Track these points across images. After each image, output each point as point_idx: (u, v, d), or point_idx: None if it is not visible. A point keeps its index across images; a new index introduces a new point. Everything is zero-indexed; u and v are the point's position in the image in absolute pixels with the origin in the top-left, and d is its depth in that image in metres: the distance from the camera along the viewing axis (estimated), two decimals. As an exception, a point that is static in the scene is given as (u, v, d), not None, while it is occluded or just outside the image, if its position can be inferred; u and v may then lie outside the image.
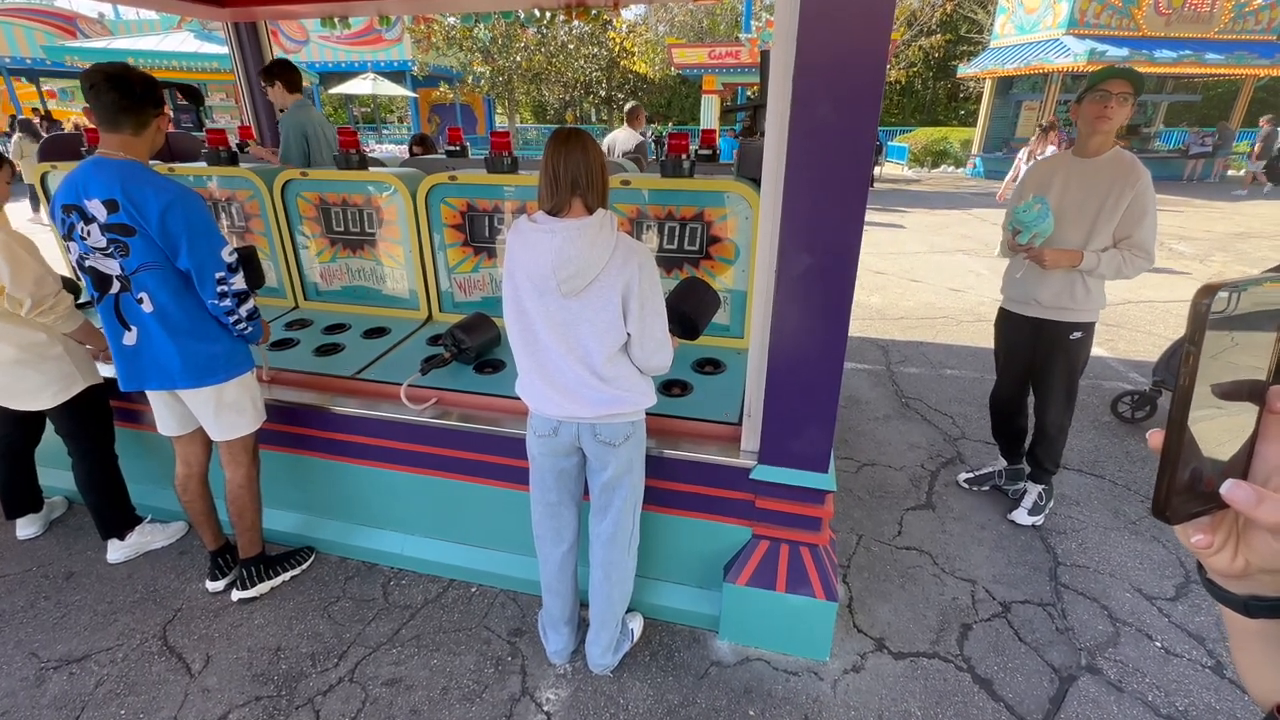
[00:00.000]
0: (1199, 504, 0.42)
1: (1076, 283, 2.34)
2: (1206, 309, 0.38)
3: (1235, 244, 8.28)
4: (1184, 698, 1.91)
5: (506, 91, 20.25)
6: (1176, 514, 0.42)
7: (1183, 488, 0.41)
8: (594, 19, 4.19)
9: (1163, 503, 0.41)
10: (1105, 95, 2.15)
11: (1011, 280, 2.54)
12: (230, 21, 3.99)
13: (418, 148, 4.69)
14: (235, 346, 2.02)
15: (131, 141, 1.79)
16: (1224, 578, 0.45)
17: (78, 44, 13.41)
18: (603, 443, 1.68)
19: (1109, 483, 3.00)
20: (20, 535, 2.60)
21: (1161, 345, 3.60)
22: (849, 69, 1.42)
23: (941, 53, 19.54)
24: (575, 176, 1.50)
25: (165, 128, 1.88)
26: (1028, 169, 2.54)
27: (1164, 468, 0.41)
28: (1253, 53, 12.94)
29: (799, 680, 1.98)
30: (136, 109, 1.76)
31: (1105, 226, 2.25)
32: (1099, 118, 2.18)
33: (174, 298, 1.86)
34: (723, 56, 15.25)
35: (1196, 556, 0.45)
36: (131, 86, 1.74)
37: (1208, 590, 0.47)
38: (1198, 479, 0.41)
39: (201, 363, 1.94)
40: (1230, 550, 0.43)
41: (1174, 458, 0.40)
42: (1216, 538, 0.43)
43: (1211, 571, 0.45)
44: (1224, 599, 0.45)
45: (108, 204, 1.73)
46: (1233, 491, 0.39)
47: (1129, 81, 2.14)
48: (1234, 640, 0.51)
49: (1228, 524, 0.43)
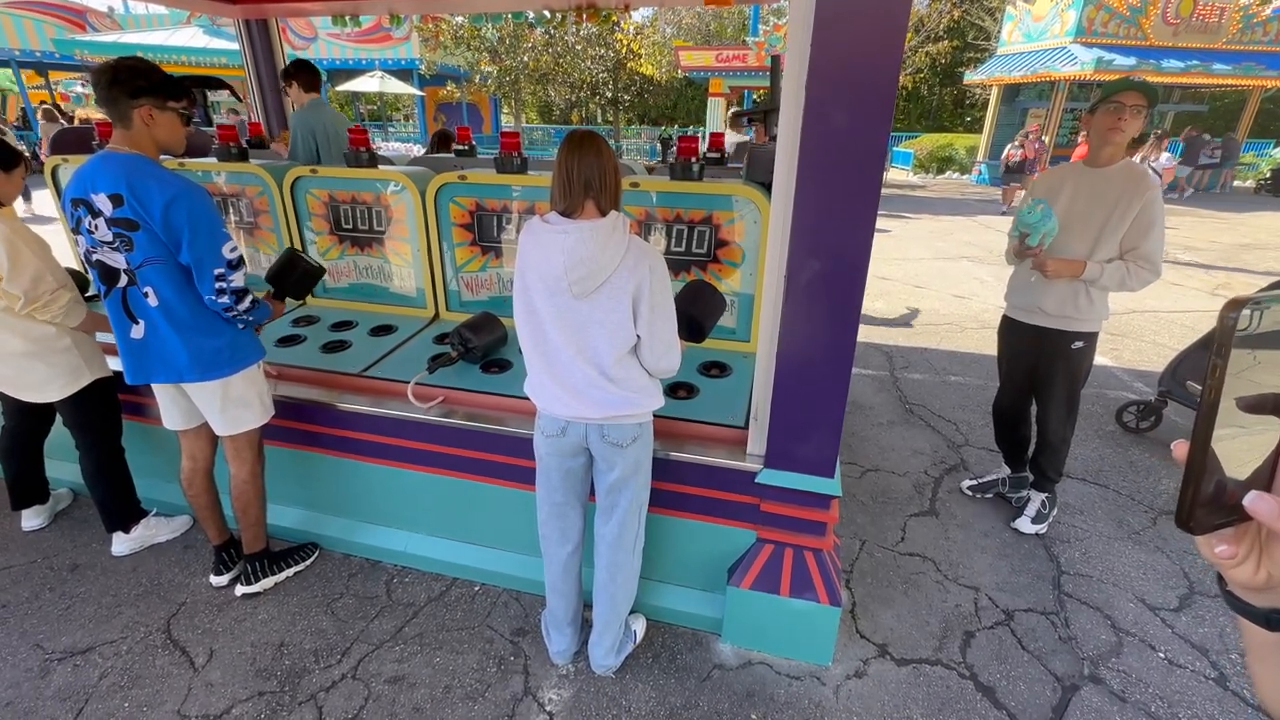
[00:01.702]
0: (1222, 516, 0.42)
1: (1080, 293, 2.34)
2: (1234, 322, 0.38)
3: (1240, 255, 8.27)
4: (1187, 709, 1.91)
5: (513, 91, 20.30)
6: (1200, 525, 0.42)
7: (1207, 500, 0.41)
8: (604, 20, 4.20)
9: (1186, 514, 0.42)
10: (1119, 107, 2.14)
11: (1017, 288, 2.54)
12: (241, 18, 4.01)
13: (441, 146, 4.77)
14: (239, 338, 2.01)
15: (127, 135, 1.78)
16: (1246, 590, 0.45)
17: (87, 38, 13.46)
18: (610, 444, 1.68)
19: (1113, 492, 3.00)
20: (26, 527, 2.61)
21: (1167, 355, 3.59)
22: (862, 76, 1.43)
23: (948, 59, 19.54)
24: (589, 178, 1.51)
25: (162, 119, 1.80)
26: (1037, 178, 2.53)
27: (1188, 479, 0.41)
28: (1260, 64, 12.92)
29: (801, 685, 1.98)
30: (113, 101, 1.72)
31: (1111, 237, 2.25)
32: (1111, 129, 2.18)
33: (178, 293, 1.86)
34: (729, 60, 15.27)
35: (1218, 568, 0.45)
36: (107, 78, 1.70)
37: (1228, 603, 0.47)
38: (1221, 491, 0.41)
39: (207, 356, 1.94)
40: (1253, 563, 0.43)
41: (1198, 469, 0.41)
42: (1239, 550, 0.43)
43: (1233, 584, 0.46)
44: (1245, 612, 0.46)
45: (113, 198, 1.73)
46: (1256, 504, 0.39)
47: (1143, 94, 2.13)
48: (1252, 654, 0.51)
49: (1250, 536, 0.43)
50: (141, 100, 1.75)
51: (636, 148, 19.41)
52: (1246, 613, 0.46)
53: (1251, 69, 12.88)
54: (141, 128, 1.78)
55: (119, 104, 1.74)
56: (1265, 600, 0.44)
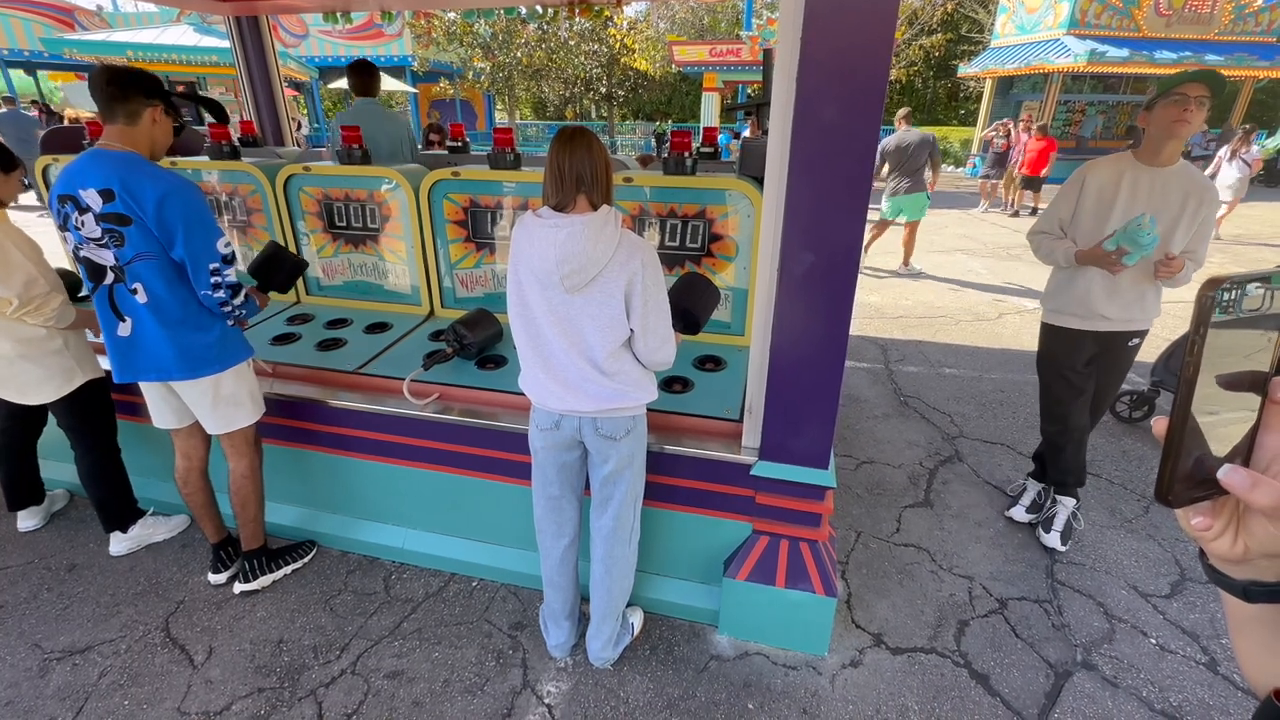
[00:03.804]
0: (1201, 490, 0.43)
1: (1147, 292, 2.26)
2: (1212, 301, 0.39)
3: (1232, 245, 8.31)
4: (1178, 694, 1.93)
5: (507, 87, 20.24)
6: (1178, 499, 0.43)
7: (1185, 474, 0.42)
8: (596, 15, 4.19)
9: (1165, 488, 0.43)
10: (1183, 99, 1.99)
11: (1073, 295, 2.34)
12: (231, 15, 3.98)
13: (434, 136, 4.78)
14: (229, 335, 2.01)
15: (128, 132, 1.80)
16: (1224, 563, 0.46)
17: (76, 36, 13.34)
18: (604, 437, 1.69)
19: (1105, 481, 3.02)
20: (21, 528, 2.61)
21: (1159, 346, 3.61)
22: (853, 66, 1.43)
23: (942, 52, 19.54)
24: (580, 173, 1.51)
25: (164, 123, 1.87)
26: (1078, 170, 2.32)
27: (1167, 454, 0.43)
28: (1253, 54, 12.95)
29: (798, 675, 1.99)
30: (126, 99, 1.78)
31: (1181, 240, 2.17)
32: (1177, 121, 2.02)
33: (168, 288, 1.86)
34: (724, 54, 15.24)
35: (1197, 541, 0.47)
36: (122, 78, 1.77)
37: (1209, 576, 0.48)
38: (1200, 466, 0.42)
39: (197, 353, 1.94)
40: (1230, 535, 0.44)
41: (1177, 444, 0.42)
42: (1217, 523, 0.44)
43: (1212, 557, 0.47)
44: (1224, 584, 0.47)
45: (103, 193, 1.73)
46: (1229, 476, 0.41)
47: (1208, 85, 1.98)
48: (1233, 626, 0.52)
49: (1229, 510, 0.45)
50: (156, 100, 1.83)
51: (631, 143, 19.36)
52: (1225, 584, 0.47)
53: (1244, 60, 12.91)
54: (147, 126, 1.83)
55: (132, 99, 1.78)
56: (1243, 572, 0.45)
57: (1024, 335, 4.95)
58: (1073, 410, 2.48)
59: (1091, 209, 2.24)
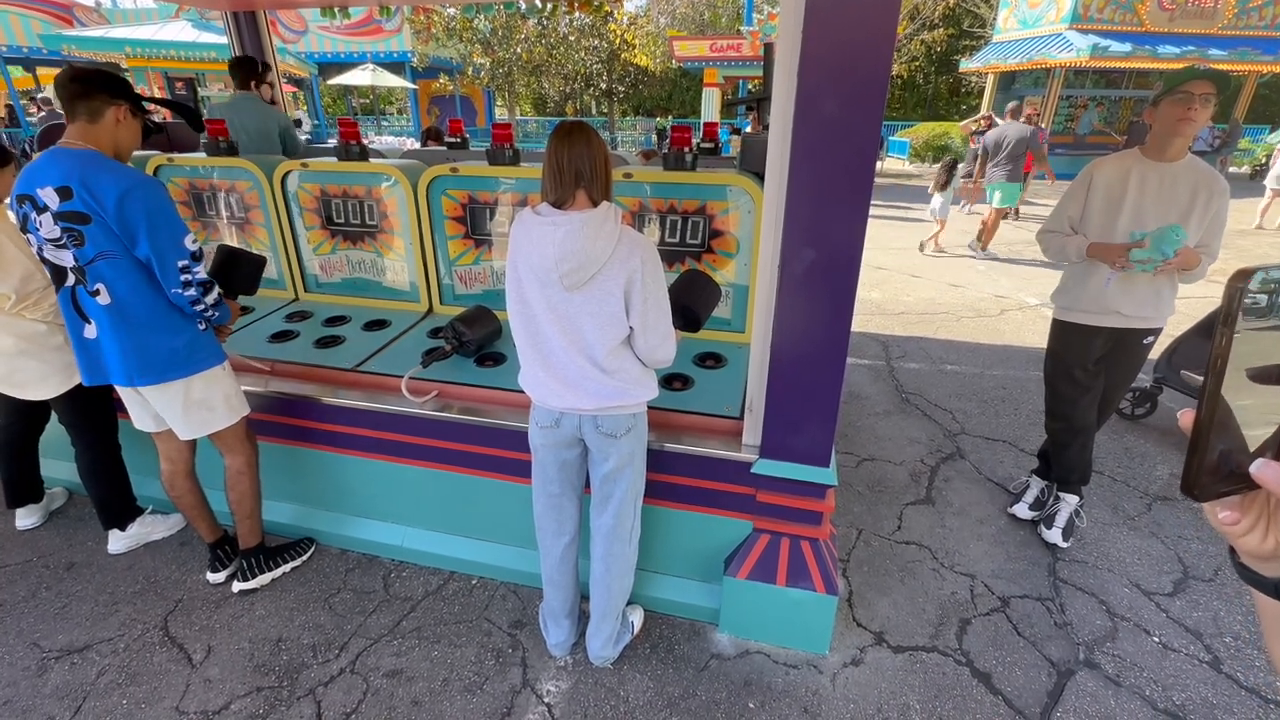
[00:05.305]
0: (1228, 484, 0.42)
1: (1163, 289, 2.25)
2: (1240, 292, 0.38)
3: (1236, 240, 8.27)
4: (1181, 692, 1.93)
5: (506, 83, 20.15)
6: (1205, 492, 0.42)
7: (1212, 467, 0.41)
8: (596, 10, 4.17)
9: (1192, 480, 0.42)
10: (1188, 97, 2.00)
11: (1086, 292, 2.32)
12: (230, 10, 3.96)
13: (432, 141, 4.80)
14: (199, 339, 1.95)
15: (89, 129, 1.76)
16: (1255, 560, 0.45)
17: (75, 33, 13.30)
18: (604, 434, 1.68)
19: (1108, 479, 3.01)
20: (20, 525, 2.60)
21: (1163, 342, 3.59)
22: (854, 61, 1.41)
23: (943, 47, 19.43)
24: (579, 169, 1.50)
25: (130, 124, 1.83)
26: (1085, 169, 2.32)
27: (1194, 447, 0.41)
28: (1256, 49, 12.87)
29: (799, 673, 1.99)
30: (88, 96, 1.74)
31: (1194, 234, 2.15)
32: (1181, 120, 2.03)
33: (133, 289, 1.81)
34: (724, 49, 15.17)
35: (1225, 536, 0.46)
36: (86, 75, 1.75)
37: (1239, 573, 0.47)
38: (1227, 459, 0.41)
39: (162, 357, 1.88)
40: (1260, 531, 0.43)
41: (1205, 436, 0.41)
42: (1246, 518, 0.43)
43: (1243, 554, 0.46)
44: (1255, 582, 0.46)
45: (60, 191, 1.69)
46: (1263, 470, 0.39)
47: (1213, 82, 1.99)
48: (1266, 625, 0.51)
49: (1259, 505, 0.44)
50: (121, 101, 1.79)
51: (632, 139, 19.31)
52: (1257, 583, 0.46)
53: (1247, 54, 12.83)
54: (110, 125, 1.79)
55: (94, 98, 1.75)
56: (1275, 570, 0.44)
57: (1026, 331, 4.94)
58: (1079, 408, 2.47)
59: (1100, 206, 2.24)
